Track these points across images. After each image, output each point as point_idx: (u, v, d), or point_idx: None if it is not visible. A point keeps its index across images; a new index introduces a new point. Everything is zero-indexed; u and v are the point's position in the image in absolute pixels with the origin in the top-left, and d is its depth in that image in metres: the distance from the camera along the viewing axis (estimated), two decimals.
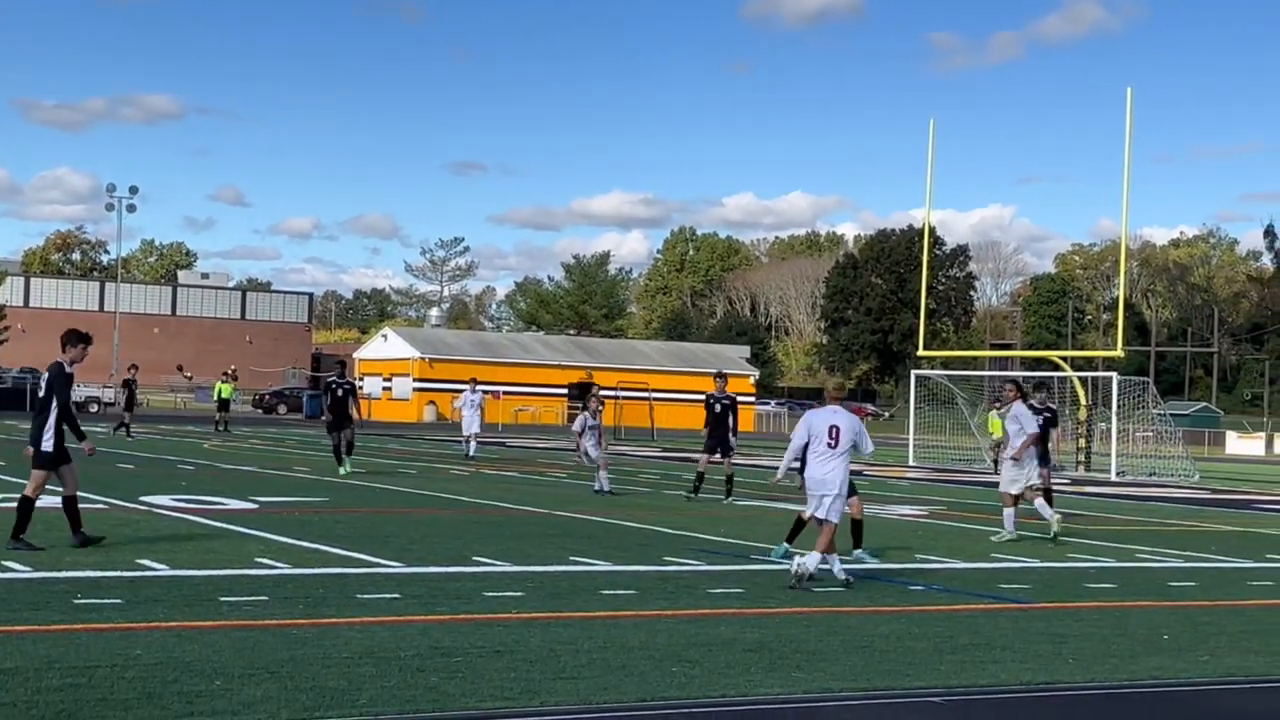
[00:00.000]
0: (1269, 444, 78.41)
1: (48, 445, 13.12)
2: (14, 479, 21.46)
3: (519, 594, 11.49)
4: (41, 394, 13.31)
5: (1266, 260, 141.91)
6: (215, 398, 49.44)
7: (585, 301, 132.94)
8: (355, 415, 26.75)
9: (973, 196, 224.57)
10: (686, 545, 15.89)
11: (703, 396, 24.94)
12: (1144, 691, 8.65)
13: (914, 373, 48.74)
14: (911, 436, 45.34)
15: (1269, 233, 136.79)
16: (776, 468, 14.26)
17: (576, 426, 24.94)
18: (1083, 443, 43.41)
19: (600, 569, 13.43)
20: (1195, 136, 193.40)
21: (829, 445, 13.02)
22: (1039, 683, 8.71)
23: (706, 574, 13.45)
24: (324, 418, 27.40)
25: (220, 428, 45.84)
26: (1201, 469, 42.95)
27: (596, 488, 23.57)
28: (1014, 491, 18.29)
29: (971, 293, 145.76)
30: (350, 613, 10.16)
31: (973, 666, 9.12)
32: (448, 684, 7.85)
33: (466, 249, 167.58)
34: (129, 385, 41.17)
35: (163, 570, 11.97)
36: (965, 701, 8.10)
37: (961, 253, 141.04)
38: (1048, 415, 21.97)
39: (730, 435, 23.34)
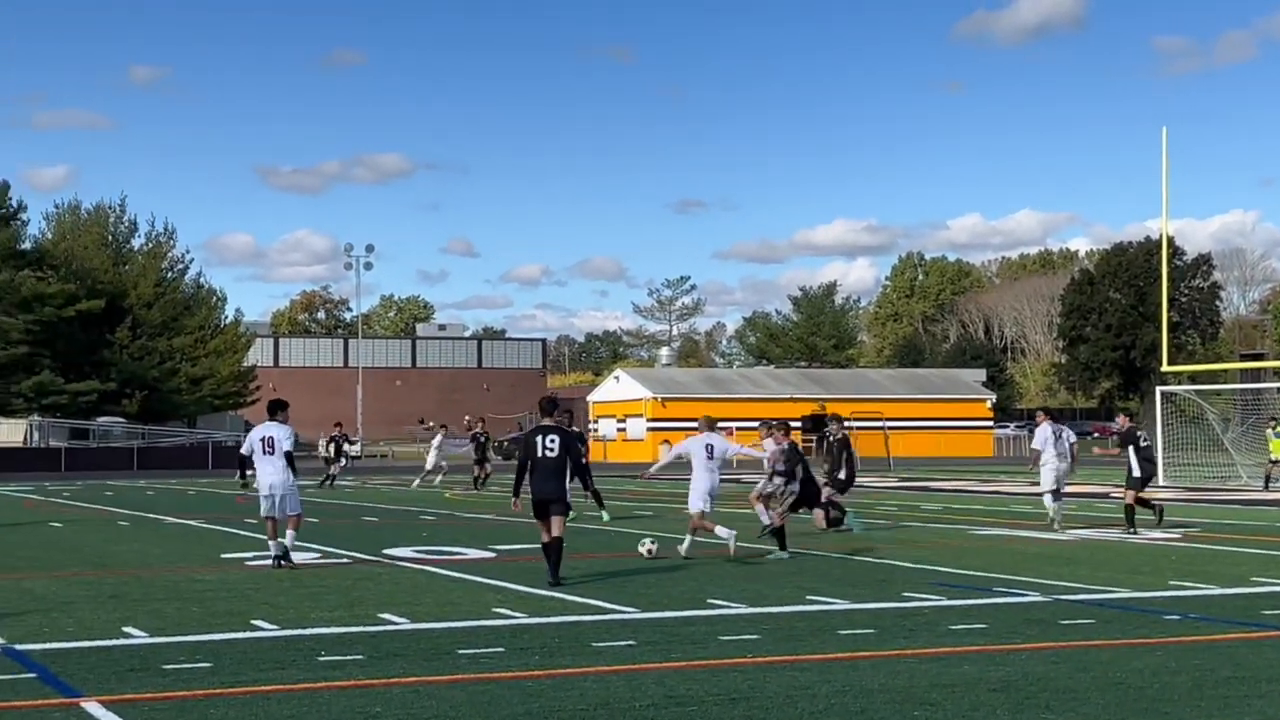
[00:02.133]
0: None
1: (568, 495, 15.90)
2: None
3: (755, 637, 11.32)
4: (555, 454, 15.56)
5: None
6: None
7: (814, 333, 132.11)
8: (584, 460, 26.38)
9: (1211, 203, 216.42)
10: (926, 579, 15.50)
11: (938, 424, 25.09)
12: None
13: (1159, 389, 47.02)
14: (1160, 455, 43.73)
15: None
16: (1026, 494, 13.96)
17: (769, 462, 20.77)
18: None
19: (838, 608, 13.18)
20: None
21: (709, 458, 17.74)
22: None
23: (947, 609, 13.08)
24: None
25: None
26: None
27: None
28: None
29: (1217, 303, 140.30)
30: (585, 662, 10.13)
31: (1236, 703, 8.61)
32: None
33: (693, 287, 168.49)
34: (478, 439, 42.09)
35: (403, 624, 12.14)
36: None
37: (1204, 262, 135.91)
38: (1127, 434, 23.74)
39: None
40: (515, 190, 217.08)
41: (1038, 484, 24.44)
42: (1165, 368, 47.57)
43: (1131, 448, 23.46)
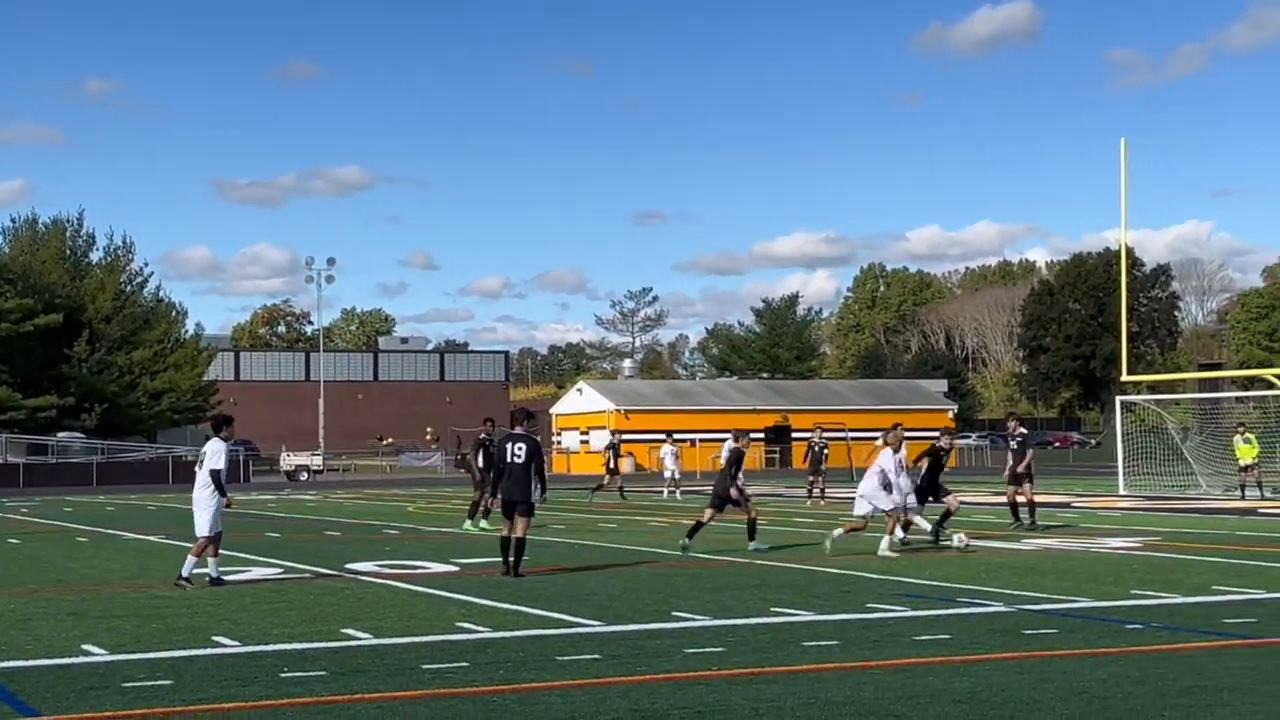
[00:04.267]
0: None
1: (536, 497, 17.53)
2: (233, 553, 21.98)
3: (720, 649, 11.30)
4: (522, 460, 17.20)
5: None
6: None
7: (776, 344, 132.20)
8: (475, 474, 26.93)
9: (1167, 214, 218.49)
10: (890, 590, 15.53)
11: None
12: None
13: (1119, 398, 47.30)
14: (1121, 464, 43.96)
15: None
16: (988, 503, 13.97)
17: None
18: None
19: (802, 619, 13.18)
20: None
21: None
22: None
23: (912, 620, 13.11)
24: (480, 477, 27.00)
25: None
26: None
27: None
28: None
29: (1175, 313, 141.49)
30: (550, 676, 10.09)
31: (1199, 711, 8.64)
32: None
33: (655, 299, 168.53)
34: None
35: (367, 639, 12.07)
36: None
37: (1162, 273, 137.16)
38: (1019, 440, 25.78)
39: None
40: (474, 203, 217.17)
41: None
42: (1125, 377, 47.85)
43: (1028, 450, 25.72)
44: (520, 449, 17.25)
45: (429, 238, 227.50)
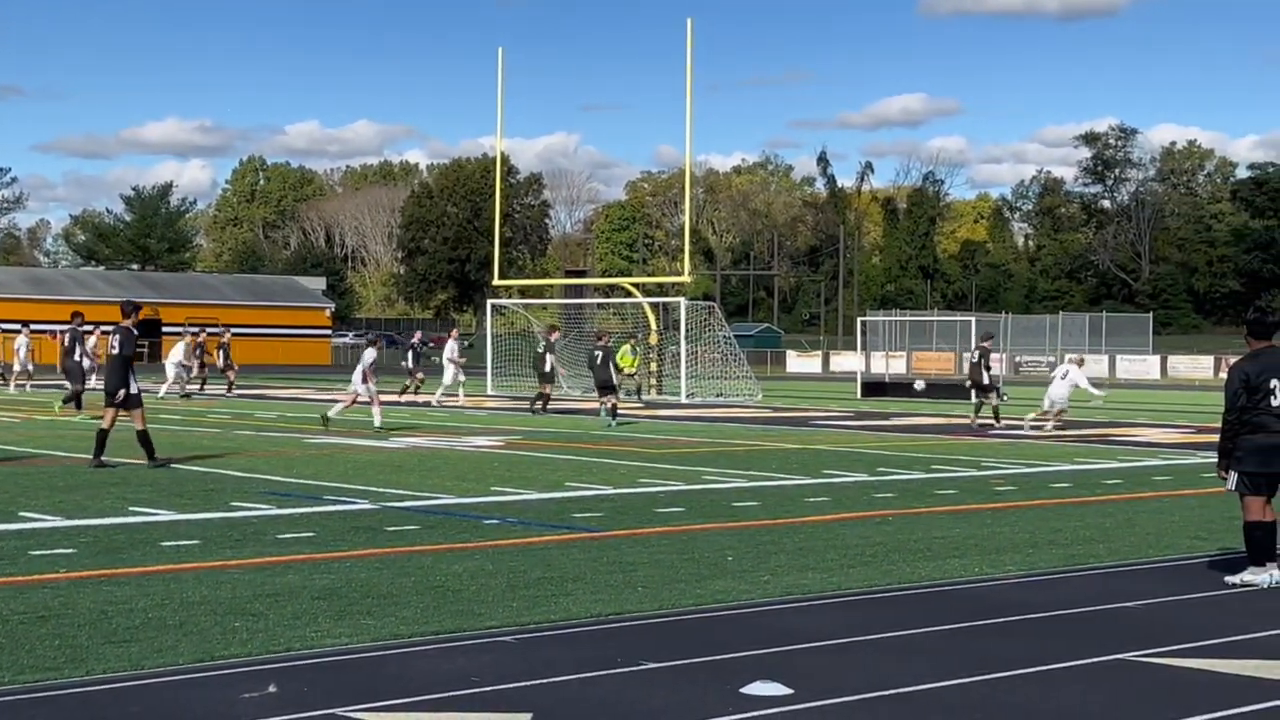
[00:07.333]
0: (825, 361, 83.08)
1: (134, 389, 17.38)
2: None
3: (70, 551, 10.79)
4: (115, 351, 17.37)
5: (820, 186, 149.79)
6: None
7: (147, 235, 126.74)
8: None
9: (539, 124, 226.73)
10: (256, 488, 15.38)
11: (277, 331, 25.70)
12: (707, 616, 8.83)
13: (490, 302, 48.93)
14: (489, 365, 45.55)
15: (821, 159, 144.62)
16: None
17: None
18: (654, 367, 44.70)
19: (162, 519, 12.81)
20: (746, 66, 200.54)
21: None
22: (609, 614, 8.76)
23: (276, 518, 13.04)
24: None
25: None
26: (764, 388, 44.96)
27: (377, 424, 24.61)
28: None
29: (546, 221, 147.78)
30: None
31: (545, 601, 9.11)
32: None
33: (13, 180, 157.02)
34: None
35: None
36: (536, 638, 8.07)
37: (535, 181, 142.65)
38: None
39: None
40: None
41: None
42: (497, 281, 49.52)
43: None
44: (116, 340, 17.58)
45: None
